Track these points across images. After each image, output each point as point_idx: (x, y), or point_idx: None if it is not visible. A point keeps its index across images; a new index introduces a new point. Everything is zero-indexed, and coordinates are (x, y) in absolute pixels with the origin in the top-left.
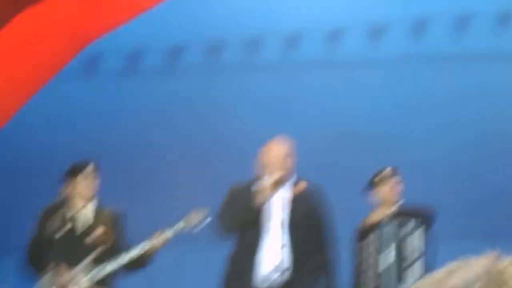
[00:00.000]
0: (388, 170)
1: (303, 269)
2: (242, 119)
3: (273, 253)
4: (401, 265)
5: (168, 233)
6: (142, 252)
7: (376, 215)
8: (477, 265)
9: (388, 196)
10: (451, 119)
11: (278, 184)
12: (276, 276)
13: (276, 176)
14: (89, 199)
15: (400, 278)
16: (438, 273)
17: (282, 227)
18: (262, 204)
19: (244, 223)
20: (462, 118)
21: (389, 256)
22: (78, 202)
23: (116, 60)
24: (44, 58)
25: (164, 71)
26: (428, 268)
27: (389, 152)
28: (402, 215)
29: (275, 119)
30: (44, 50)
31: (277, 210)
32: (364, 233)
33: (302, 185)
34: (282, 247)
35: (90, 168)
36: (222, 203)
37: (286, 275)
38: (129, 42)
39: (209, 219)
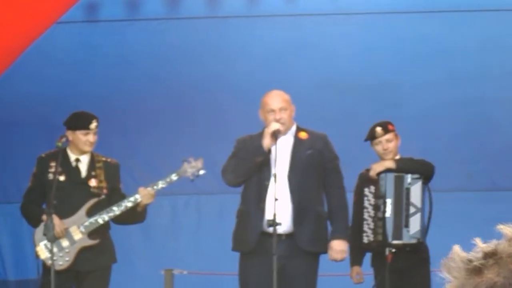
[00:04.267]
0: (377, 129)
1: (303, 218)
2: (242, 68)
3: (270, 206)
4: (398, 219)
5: (161, 185)
6: (135, 203)
7: (374, 168)
8: None
9: (382, 153)
10: (450, 73)
11: (274, 136)
12: (270, 230)
13: (270, 129)
14: (85, 152)
15: (397, 232)
16: None
17: (276, 180)
18: (262, 155)
19: (245, 175)
20: (461, 72)
21: (387, 210)
22: (74, 154)
23: (116, 7)
24: (45, 5)
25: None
26: (425, 222)
27: (388, 104)
28: (400, 169)
29: (276, 70)
30: None
31: (274, 163)
32: (363, 185)
33: (304, 135)
34: (276, 200)
35: (93, 124)
36: (228, 156)
37: (289, 226)
38: None
39: (203, 171)
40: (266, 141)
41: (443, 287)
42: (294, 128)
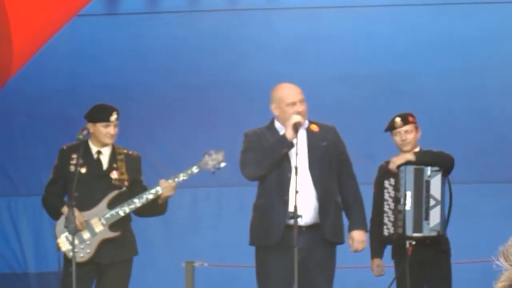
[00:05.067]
0: (397, 119)
1: (328, 209)
2: (261, 61)
3: (291, 199)
4: (418, 212)
5: (182, 177)
6: (156, 196)
7: (394, 161)
8: None
9: (400, 144)
10: (469, 64)
11: (295, 128)
12: (291, 222)
13: (292, 121)
14: (107, 145)
15: (417, 225)
16: None
17: (297, 173)
18: (287, 147)
19: (269, 168)
20: (481, 63)
21: (407, 203)
22: (95, 146)
23: (136, 0)
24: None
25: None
26: (445, 214)
27: (407, 95)
28: (420, 162)
29: (294, 62)
30: None
31: (293, 156)
32: (382, 177)
33: (315, 127)
34: (297, 192)
35: (114, 116)
36: (242, 151)
37: (312, 218)
38: None
39: (224, 164)
40: (290, 133)
41: (500, 274)
42: (306, 121)
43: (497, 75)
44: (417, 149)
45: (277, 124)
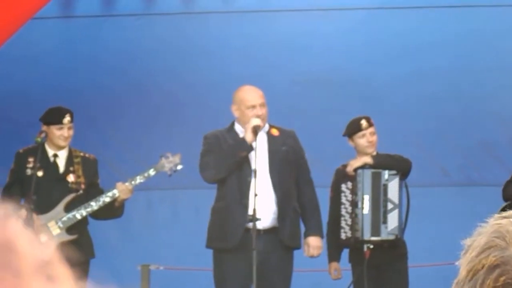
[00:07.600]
0: (363, 121)
1: (286, 213)
2: (216, 64)
3: (251, 202)
4: (376, 216)
5: (139, 180)
6: (112, 198)
7: (351, 164)
8: None
9: (365, 146)
10: (424, 68)
11: (255, 132)
12: (250, 225)
13: (251, 124)
14: (62, 148)
15: (375, 228)
16: None
17: (255, 176)
18: (246, 150)
19: (228, 171)
20: (435, 67)
21: (364, 206)
22: (52, 149)
23: (92, 3)
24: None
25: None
26: (403, 218)
27: (363, 99)
28: (377, 165)
29: (251, 66)
30: None
31: (252, 159)
32: (340, 181)
33: (275, 131)
34: (256, 196)
35: (66, 119)
36: (202, 153)
37: (270, 222)
38: None
39: (180, 166)
40: (249, 136)
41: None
42: (266, 124)
43: (451, 79)
44: (374, 153)
45: (237, 127)
